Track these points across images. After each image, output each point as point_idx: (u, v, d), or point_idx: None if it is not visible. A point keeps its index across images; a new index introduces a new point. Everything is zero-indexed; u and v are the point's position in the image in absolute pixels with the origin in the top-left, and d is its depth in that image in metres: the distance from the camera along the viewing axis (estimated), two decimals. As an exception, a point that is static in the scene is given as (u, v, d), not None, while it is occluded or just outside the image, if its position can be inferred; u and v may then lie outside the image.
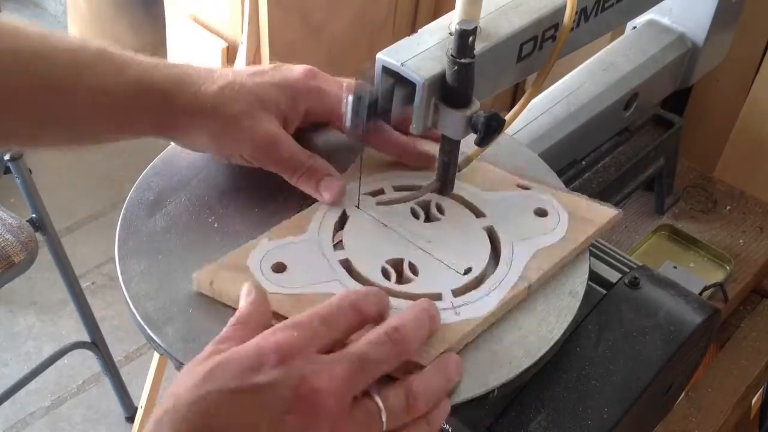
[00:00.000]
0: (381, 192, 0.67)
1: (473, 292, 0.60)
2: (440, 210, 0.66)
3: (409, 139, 0.68)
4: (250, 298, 0.52)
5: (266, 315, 0.52)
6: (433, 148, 0.68)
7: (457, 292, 0.59)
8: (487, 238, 0.64)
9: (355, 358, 0.47)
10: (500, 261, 0.62)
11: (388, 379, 0.49)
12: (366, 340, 0.48)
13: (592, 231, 0.65)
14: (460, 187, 0.67)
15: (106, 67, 0.61)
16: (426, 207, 0.66)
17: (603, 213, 0.67)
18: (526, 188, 0.69)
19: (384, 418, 0.46)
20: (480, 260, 0.62)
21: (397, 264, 0.61)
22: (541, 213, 0.66)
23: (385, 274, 0.60)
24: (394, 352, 0.48)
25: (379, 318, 0.51)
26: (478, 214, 0.66)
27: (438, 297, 0.58)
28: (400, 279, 0.60)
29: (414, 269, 0.61)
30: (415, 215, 0.65)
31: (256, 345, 0.47)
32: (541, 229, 0.65)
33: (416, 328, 0.50)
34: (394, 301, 0.56)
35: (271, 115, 0.63)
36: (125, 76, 0.61)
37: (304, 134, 0.68)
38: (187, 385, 0.45)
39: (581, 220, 0.66)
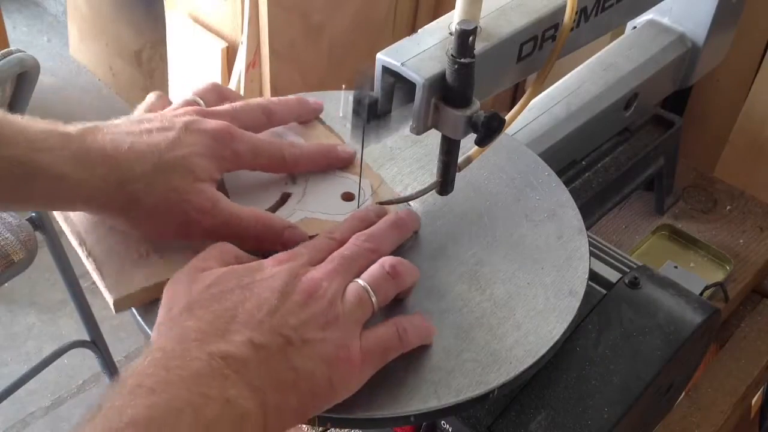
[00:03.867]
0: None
1: None
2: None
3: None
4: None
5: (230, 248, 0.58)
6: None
7: None
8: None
9: (337, 257, 0.56)
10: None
11: None
12: (343, 247, 0.57)
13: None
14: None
15: None
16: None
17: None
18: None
19: (371, 294, 0.54)
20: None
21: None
22: (348, 197, 0.66)
23: None
24: (364, 248, 0.57)
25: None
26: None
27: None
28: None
29: None
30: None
31: (254, 263, 0.55)
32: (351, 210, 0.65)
33: (381, 230, 0.60)
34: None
35: (205, 183, 0.58)
36: (7, 152, 0.53)
37: None
38: (198, 287, 0.52)
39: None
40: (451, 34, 0.60)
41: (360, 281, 0.55)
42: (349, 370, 0.51)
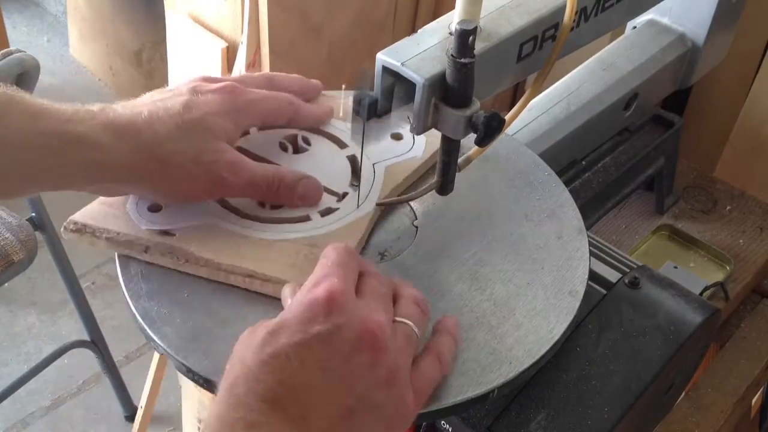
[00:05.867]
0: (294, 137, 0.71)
1: (338, 211, 0.65)
2: (307, 142, 0.70)
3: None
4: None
5: None
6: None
7: (323, 214, 0.65)
8: (349, 165, 0.69)
9: (380, 296, 0.53)
10: (361, 181, 0.67)
11: None
12: (370, 281, 0.54)
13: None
14: (329, 124, 0.72)
15: (15, 117, 0.54)
16: (293, 140, 0.70)
17: None
18: None
19: (415, 329, 0.53)
20: (344, 183, 0.67)
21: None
22: (397, 137, 0.72)
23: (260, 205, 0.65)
24: (389, 288, 0.55)
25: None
26: (342, 145, 0.71)
27: (306, 218, 0.64)
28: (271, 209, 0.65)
29: None
30: (284, 148, 0.69)
31: (300, 302, 0.50)
32: (398, 150, 0.71)
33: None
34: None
35: (224, 143, 0.61)
36: (41, 127, 0.55)
37: None
38: (251, 350, 0.48)
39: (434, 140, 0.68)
40: (451, 34, 0.60)
41: (407, 321, 0.53)
42: (407, 421, 0.51)
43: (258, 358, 0.47)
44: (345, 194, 0.66)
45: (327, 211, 0.65)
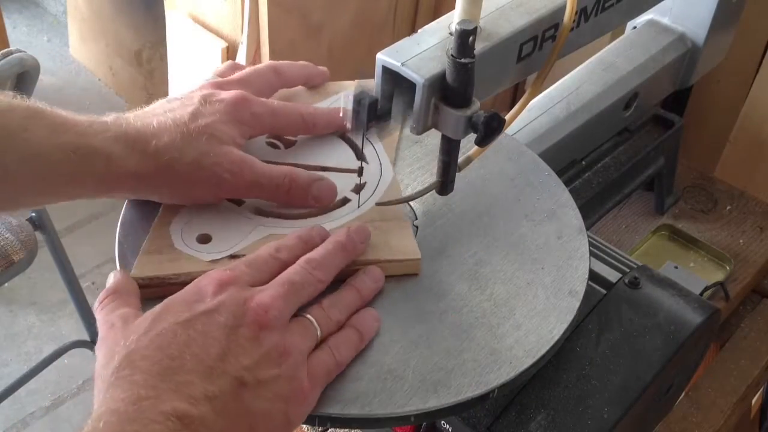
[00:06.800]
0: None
1: (367, 184, 0.67)
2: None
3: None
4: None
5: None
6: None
7: (356, 191, 0.66)
8: (342, 141, 0.70)
9: (283, 282, 0.54)
10: (365, 153, 0.70)
11: None
12: (288, 270, 0.56)
13: None
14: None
15: (38, 131, 0.57)
16: (278, 137, 0.70)
17: None
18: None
19: (317, 327, 0.54)
20: (352, 159, 0.69)
21: None
22: None
23: None
24: (314, 278, 0.56)
25: None
26: None
27: (346, 200, 0.65)
28: None
29: None
30: (275, 147, 0.69)
31: (191, 286, 0.53)
32: None
33: (329, 256, 0.57)
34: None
35: (230, 147, 0.62)
36: (61, 140, 0.57)
37: None
38: (134, 335, 0.49)
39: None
40: (451, 34, 0.60)
41: (309, 317, 0.54)
42: (303, 401, 0.51)
43: (144, 341, 0.49)
44: (361, 168, 0.67)
45: (359, 188, 0.66)
